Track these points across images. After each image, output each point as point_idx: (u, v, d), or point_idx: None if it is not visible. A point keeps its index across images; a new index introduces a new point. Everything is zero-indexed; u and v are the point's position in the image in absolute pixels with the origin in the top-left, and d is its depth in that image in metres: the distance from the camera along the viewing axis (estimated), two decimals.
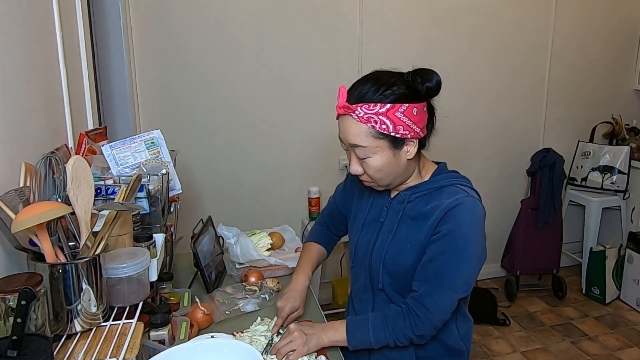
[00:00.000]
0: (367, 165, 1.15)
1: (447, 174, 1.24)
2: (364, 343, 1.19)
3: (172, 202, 1.49)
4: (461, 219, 1.13)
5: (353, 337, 1.20)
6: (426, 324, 1.14)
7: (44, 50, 1.28)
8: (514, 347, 2.65)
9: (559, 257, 3.15)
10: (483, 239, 1.17)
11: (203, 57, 2.58)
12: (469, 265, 1.15)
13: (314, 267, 1.46)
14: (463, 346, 1.29)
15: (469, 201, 1.14)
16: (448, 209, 1.13)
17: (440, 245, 1.14)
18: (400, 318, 1.16)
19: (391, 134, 1.10)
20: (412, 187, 1.23)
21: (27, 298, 0.73)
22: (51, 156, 1.04)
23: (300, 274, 1.41)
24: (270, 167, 2.81)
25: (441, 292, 1.14)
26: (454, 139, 3.04)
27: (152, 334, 1.11)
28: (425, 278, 1.15)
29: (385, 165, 1.14)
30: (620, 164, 3.07)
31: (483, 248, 1.18)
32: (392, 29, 2.82)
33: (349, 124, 1.13)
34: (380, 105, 1.09)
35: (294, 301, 1.33)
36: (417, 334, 1.15)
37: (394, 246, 1.21)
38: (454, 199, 1.14)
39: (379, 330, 1.17)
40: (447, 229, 1.13)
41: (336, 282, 2.86)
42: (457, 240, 1.13)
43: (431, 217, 1.15)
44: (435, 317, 1.15)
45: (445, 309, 1.16)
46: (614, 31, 3.26)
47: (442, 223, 1.14)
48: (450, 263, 1.13)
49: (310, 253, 1.49)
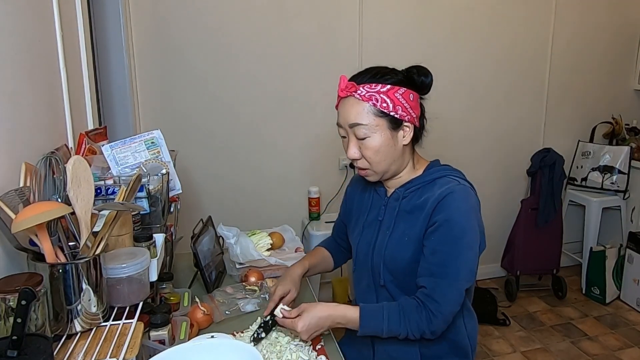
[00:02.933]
0: (366, 146, 1.18)
1: (439, 167, 1.27)
2: (375, 331, 1.19)
3: (172, 202, 1.49)
4: (453, 207, 1.15)
5: (366, 324, 1.18)
6: (439, 318, 1.15)
7: (44, 50, 1.28)
8: (514, 347, 2.65)
9: (559, 257, 3.14)
10: (480, 226, 1.18)
11: (203, 56, 2.58)
12: (469, 253, 1.16)
13: (313, 263, 1.47)
14: (468, 344, 1.29)
15: (460, 189, 1.17)
16: (440, 198, 1.16)
17: (438, 236, 1.15)
18: (417, 311, 1.16)
19: (391, 113, 1.16)
20: (407, 184, 1.25)
21: (27, 298, 0.73)
22: (51, 156, 1.04)
23: (297, 264, 1.44)
24: (270, 168, 2.81)
25: (448, 283, 1.15)
26: (454, 139, 3.04)
27: (152, 334, 1.11)
28: (430, 272, 1.16)
29: (383, 146, 1.17)
30: (620, 164, 3.07)
31: (482, 235, 1.19)
32: (392, 32, 2.82)
33: (350, 104, 1.18)
34: (381, 85, 1.16)
35: (285, 284, 1.33)
36: (431, 330, 1.16)
37: (393, 242, 1.23)
38: (445, 187, 1.17)
39: (394, 320, 1.17)
40: (441, 218, 1.15)
41: (336, 282, 2.86)
42: (453, 229, 1.14)
43: (425, 208, 1.17)
44: (446, 310, 1.15)
45: (455, 300, 1.17)
46: (614, 31, 3.26)
47: (436, 213, 1.15)
48: (452, 253, 1.14)
49: (314, 252, 1.54)
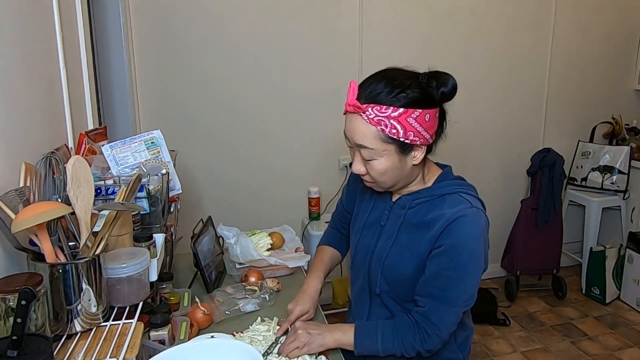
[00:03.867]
0: (371, 167, 1.12)
1: (450, 180, 1.20)
2: (370, 350, 1.18)
3: (172, 202, 1.49)
4: (463, 233, 1.09)
5: (361, 343, 1.18)
6: (435, 339, 1.14)
7: (44, 51, 1.28)
8: (514, 347, 2.65)
9: (559, 257, 3.14)
10: (486, 249, 1.14)
11: (203, 56, 2.58)
12: (472, 280, 1.13)
13: (326, 270, 1.43)
14: (460, 355, 1.28)
15: (471, 213, 1.11)
16: (450, 221, 1.10)
17: (443, 260, 1.11)
18: (410, 331, 1.15)
19: (400, 139, 1.07)
20: (414, 193, 1.19)
21: (27, 298, 0.73)
22: (51, 156, 1.04)
23: (313, 277, 1.39)
24: (270, 167, 2.81)
25: (447, 308, 1.13)
26: (453, 139, 3.02)
27: (152, 334, 1.11)
28: (430, 294, 1.13)
29: (389, 169, 1.11)
30: (620, 164, 3.07)
31: (486, 258, 1.15)
32: (392, 30, 2.82)
33: (357, 123, 1.08)
34: (392, 109, 1.04)
35: (304, 304, 1.30)
36: (426, 349, 1.15)
37: (394, 253, 1.19)
38: (456, 210, 1.10)
39: (388, 339, 1.16)
40: (449, 243, 1.10)
41: (336, 282, 2.86)
42: (460, 255, 1.10)
43: (432, 228, 1.12)
44: (442, 333, 1.14)
45: (452, 323, 1.16)
46: (613, 31, 3.26)
47: (444, 236, 1.10)
48: (455, 279, 1.11)
49: (323, 256, 1.47)
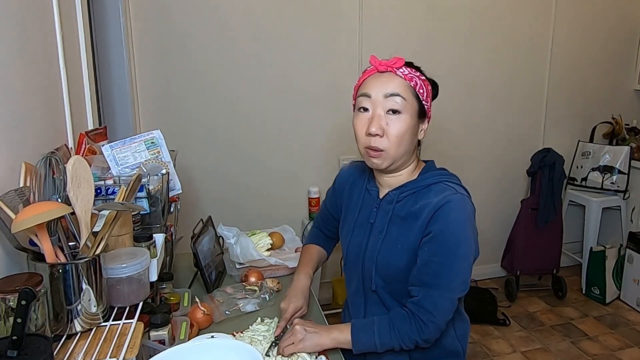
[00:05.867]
0: (392, 124, 1.15)
1: (434, 171, 1.24)
2: (368, 346, 1.18)
3: (172, 202, 1.49)
4: (450, 218, 1.12)
5: (358, 340, 1.18)
6: (431, 327, 1.14)
7: (44, 50, 1.28)
8: (514, 347, 2.65)
9: (559, 257, 3.14)
10: (475, 235, 1.16)
11: (203, 56, 2.58)
12: (463, 264, 1.14)
13: (314, 267, 1.45)
14: (459, 347, 1.28)
15: (457, 199, 1.14)
16: (436, 208, 1.13)
17: (433, 246, 1.13)
18: (406, 322, 1.15)
19: (423, 101, 1.18)
20: (400, 187, 1.22)
21: (27, 298, 0.73)
22: (51, 156, 1.04)
23: (301, 273, 1.41)
24: (270, 167, 2.81)
25: (440, 294, 1.13)
26: (453, 139, 3.04)
27: (152, 334, 1.11)
28: (423, 282, 1.14)
29: (406, 130, 1.15)
30: (620, 164, 3.07)
31: (475, 244, 1.17)
32: (392, 28, 2.82)
33: (390, 78, 1.16)
34: (420, 74, 1.19)
35: (297, 300, 1.31)
36: (423, 338, 1.15)
37: (386, 248, 1.21)
38: (442, 196, 1.14)
39: (385, 333, 1.16)
40: (437, 229, 1.12)
41: (336, 282, 2.86)
42: (448, 240, 1.12)
43: (420, 217, 1.15)
44: (438, 320, 1.14)
45: (447, 309, 1.16)
46: (613, 31, 3.26)
47: (432, 223, 1.13)
48: (445, 264, 1.12)
49: (310, 253, 1.49)
